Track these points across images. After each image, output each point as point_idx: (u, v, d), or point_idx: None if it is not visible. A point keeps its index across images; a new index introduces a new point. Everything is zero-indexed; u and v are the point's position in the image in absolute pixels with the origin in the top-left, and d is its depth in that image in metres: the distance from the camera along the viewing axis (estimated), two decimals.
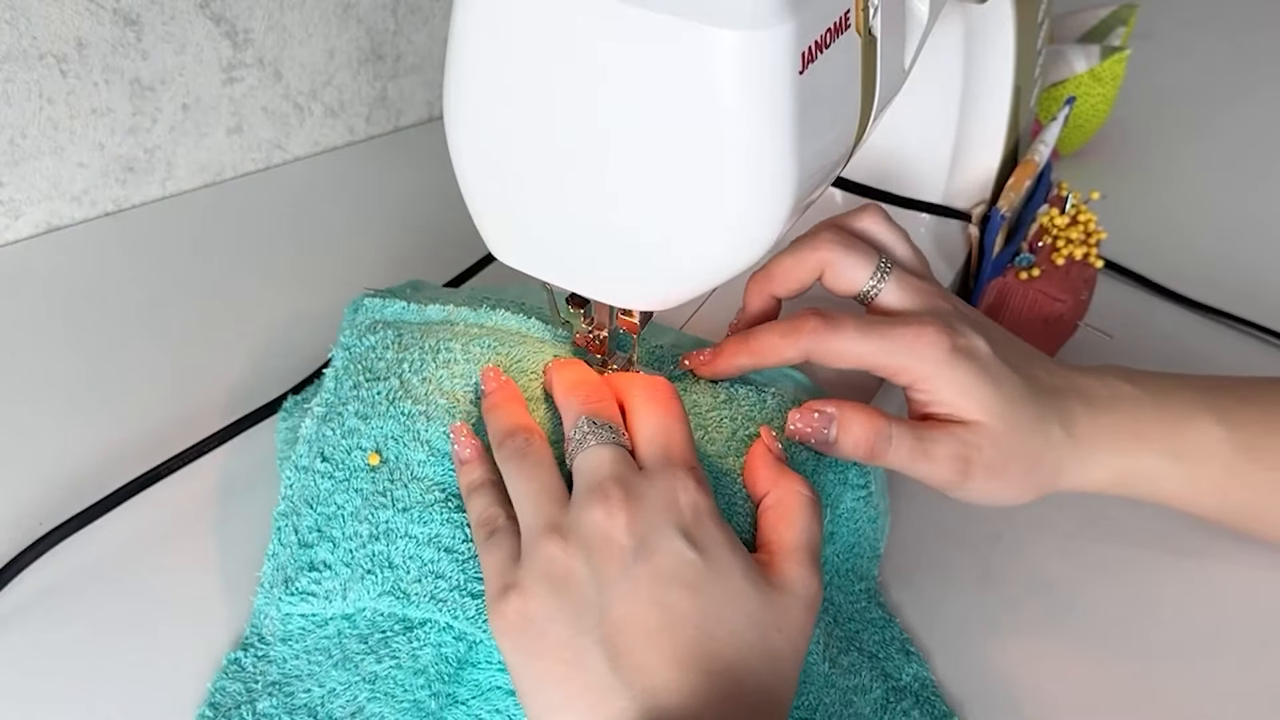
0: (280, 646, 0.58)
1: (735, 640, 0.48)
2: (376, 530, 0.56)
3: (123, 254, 0.89)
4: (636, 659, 0.47)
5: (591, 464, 0.52)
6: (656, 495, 0.51)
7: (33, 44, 0.81)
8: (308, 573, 0.57)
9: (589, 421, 0.54)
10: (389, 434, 0.58)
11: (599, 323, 0.60)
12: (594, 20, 0.43)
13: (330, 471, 0.58)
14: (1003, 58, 0.74)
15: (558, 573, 0.49)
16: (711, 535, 0.50)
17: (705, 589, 0.49)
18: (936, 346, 0.56)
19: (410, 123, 1.09)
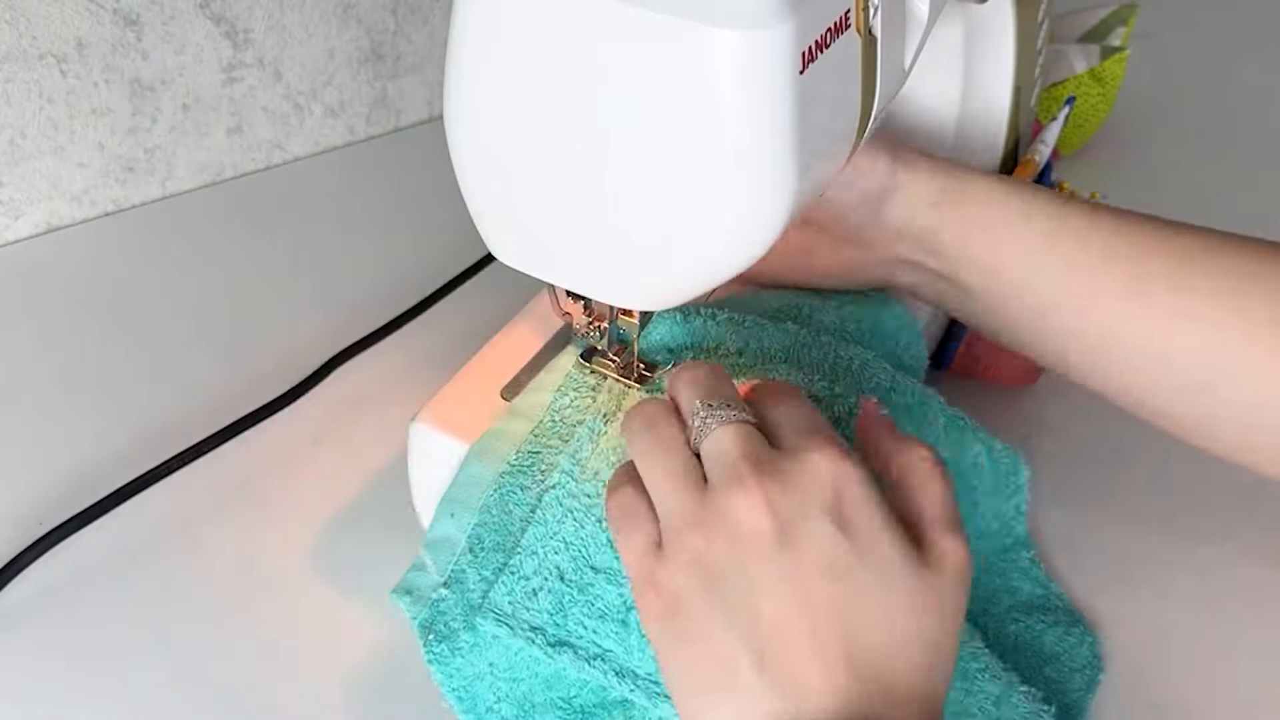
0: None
1: (889, 632, 0.45)
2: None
3: (123, 254, 0.89)
4: (784, 658, 0.45)
5: (719, 446, 0.48)
6: (797, 471, 0.47)
7: (33, 44, 0.81)
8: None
9: (703, 404, 0.50)
10: None
11: (598, 314, 0.60)
12: (594, 20, 0.43)
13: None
14: (1003, 58, 0.74)
15: (701, 565, 0.46)
16: (862, 514, 0.46)
17: (856, 579, 0.45)
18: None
19: (410, 123, 1.09)
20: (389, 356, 0.79)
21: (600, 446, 0.57)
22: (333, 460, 0.71)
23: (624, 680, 0.52)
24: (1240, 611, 0.66)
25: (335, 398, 0.76)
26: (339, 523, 0.67)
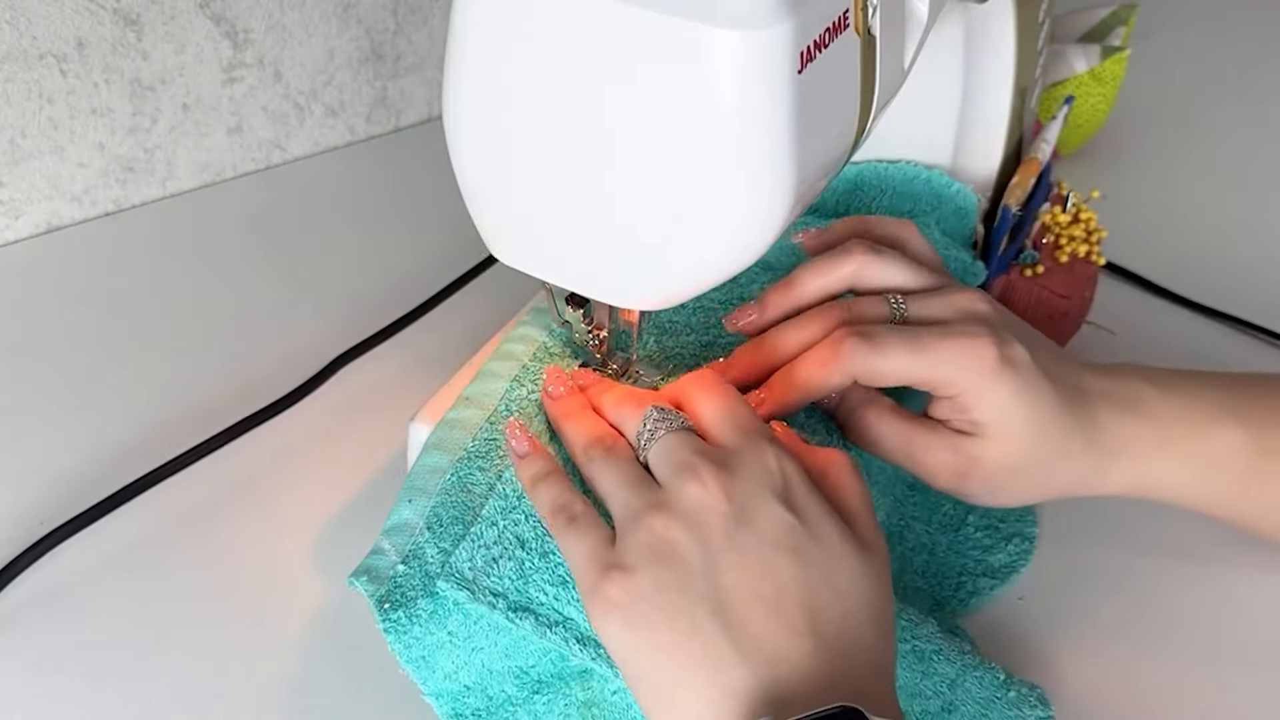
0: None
1: (842, 604, 0.48)
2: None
3: (123, 254, 0.89)
4: (753, 628, 0.46)
5: (669, 449, 0.51)
6: (746, 464, 0.50)
7: (33, 44, 0.81)
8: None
9: (655, 410, 0.53)
10: None
11: (598, 322, 0.60)
12: (593, 20, 0.43)
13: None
14: (1003, 57, 0.74)
15: (662, 545, 0.48)
16: (806, 500, 0.50)
17: (809, 553, 0.48)
18: (983, 359, 0.55)
19: (410, 123, 1.09)
20: (390, 358, 0.79)
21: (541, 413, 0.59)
22: (333, 461, 0.71)
23: (585, 647, 0.52)
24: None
25: (336, 399, 0.76)
26: (340, 523, 0.67)
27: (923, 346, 0.56)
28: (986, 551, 0.66)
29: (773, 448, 0.51)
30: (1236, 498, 0.61)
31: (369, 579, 0.54)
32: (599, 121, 0.46)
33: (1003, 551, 0.66)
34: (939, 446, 0.57)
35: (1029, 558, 0.66)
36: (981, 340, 0.56)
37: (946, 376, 0.56)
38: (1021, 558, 0.66)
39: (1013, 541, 0.67)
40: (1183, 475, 0.60)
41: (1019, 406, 0.56)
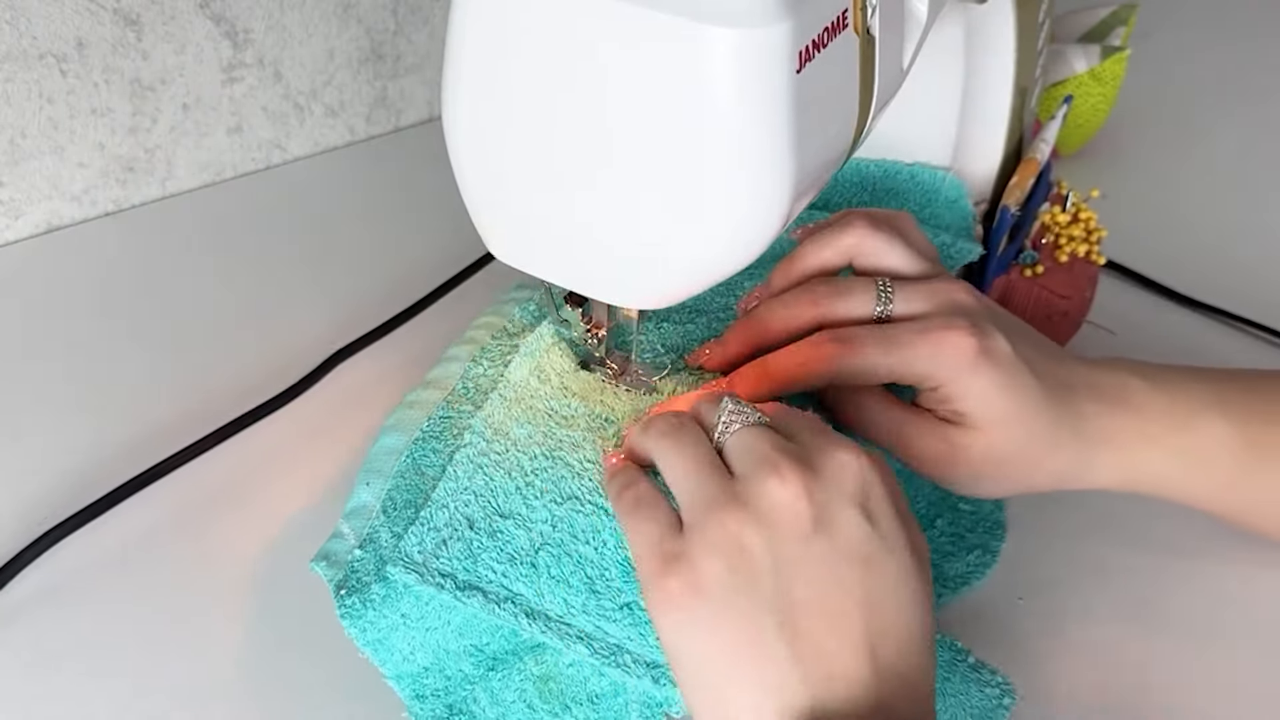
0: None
1: (902, 620, 0.47)
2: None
3: (123, 254, 0.89)
4: (816, 641, 0.45)
5: (748, 442, 0.50)
6: (828, 464, 0.48)
7: (33, 44, 0.81)
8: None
9: (733, 401, 0.52)
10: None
11: (597, 321, 0.60)
12: (591, 18, 0.43)
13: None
14: (1003, 57, 0.74)
15: (733, 544, 0.46)
16: (884, 508, 0.49)
17: (881, 566, 0.47)
18: (961, 350, 0.55)
19: (410, 123, 1.09)
20: (388, 355, 0.80)
21: (512, 410, 0.59)
22: (331, 458, 0.71)
23: (534, 621, 0.52)
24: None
25: (334, 396, 0.76)
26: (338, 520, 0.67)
27: (899, 345, 0.56)
28: (945, 558, 0.66)
29: (854, 449, 0.50)
30: (1224, 491, 0.61)
31: (328, 563, 0.55)
32: (597, 120, 0.45)
33: (961, 561, 0.66)
34: (927, 433, 0.57)
35: (986, 571, 0.66)
36: (958, 333, 0.56)
37: (924, 370, 0.56)
38: (978, 570, 0.66)
39: (974, 553, 0.66)
40: (1170, 468, 0.60)
41: (1002, 397, 0.56)
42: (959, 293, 0.59)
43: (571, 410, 0.59)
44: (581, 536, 0.54)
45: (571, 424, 0.58)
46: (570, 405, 0.59)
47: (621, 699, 0.54)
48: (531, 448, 0.57)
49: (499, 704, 0.55)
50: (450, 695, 0.55)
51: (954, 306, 0.58)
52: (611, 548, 0.53)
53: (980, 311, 0.58)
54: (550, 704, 0.55)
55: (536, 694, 0.55)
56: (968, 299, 0.58)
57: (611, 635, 0.52)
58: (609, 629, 0.52)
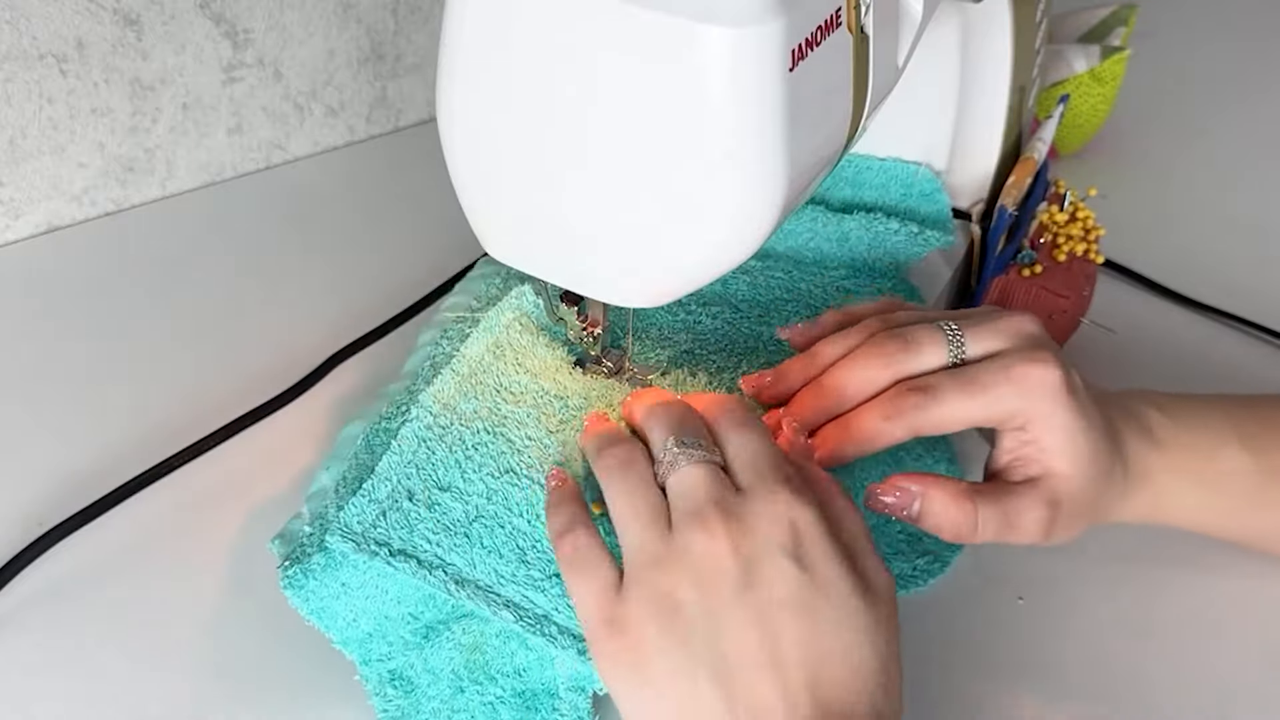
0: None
1: (848, 662, 0.47)
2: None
3: (123, 254, 0.89)
4: (753, 696, 0.46)
5: (686, 486, 0.51)
6: (757, 515, 0.49)
7: (33, 44, 0.81)
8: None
9: (677, 441, 0.52)
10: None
11: (592, 319, 0.60)
12: (585, 17, 0.43)
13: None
14: (1000, 56, 0.74)
15: (665, 601, 0.48)
16: (817, 551, 0.48)
17: (816, 610, 0.47)
18: (1048, 385, 0.55)
19: (410, 123, 1.09)
20: (387, 356, 0.79)
21: (463, 385, 0.60)
22: None
23: (462, 589, 0.53)
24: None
25: (333, 396, 0.76)
26: None
27: (984, 387, 0.55)
28: (895, 555, 0.66)
29: (787, 493, 0.50)
30: (1245, 520, 0.61)
31: (282, 542, 0.57)
32: (591, 118, 0.46)
33: (909, 562, 0.66)
34: (1030, 504, 0.56)
35: (929, 580, 0.65)
36: (1044, 366, 0.55)
37: (1013, 408, 0.55)
38: (923, 575, 0.65)
39: (925, 557, 0.66)
40: (1194, 500, 0.60)
41: (1082, 433, 0.55)
42: (1027, 324, 0.58)
43: (521, 386, 0.60)
44: (516, 509, 0.55)
45: (519, 399, 0.60)
46: (520, 382, 0.60)
47: (549, 673, 0.55)
48: (475, 422, 0.58)
49: (431, 672, 0.56)
50: (392, 661, 0.57)
51: (1028, 339, 0.57)
52: (544, 521, 0.55)
53: (1051, 341, 0.58)
54: (476, 674, 0.56)
55: (464, 663, 0.56)
56: (1035, 329, 0.58)
57: (539, 605, 0.53)
58: (536, 599, 0.53)
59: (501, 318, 0.63)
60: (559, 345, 0.63)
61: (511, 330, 0.63)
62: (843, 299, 0.71)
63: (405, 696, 0.56)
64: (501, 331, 0.63)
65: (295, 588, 0.56)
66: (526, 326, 0.63)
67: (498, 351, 0.62)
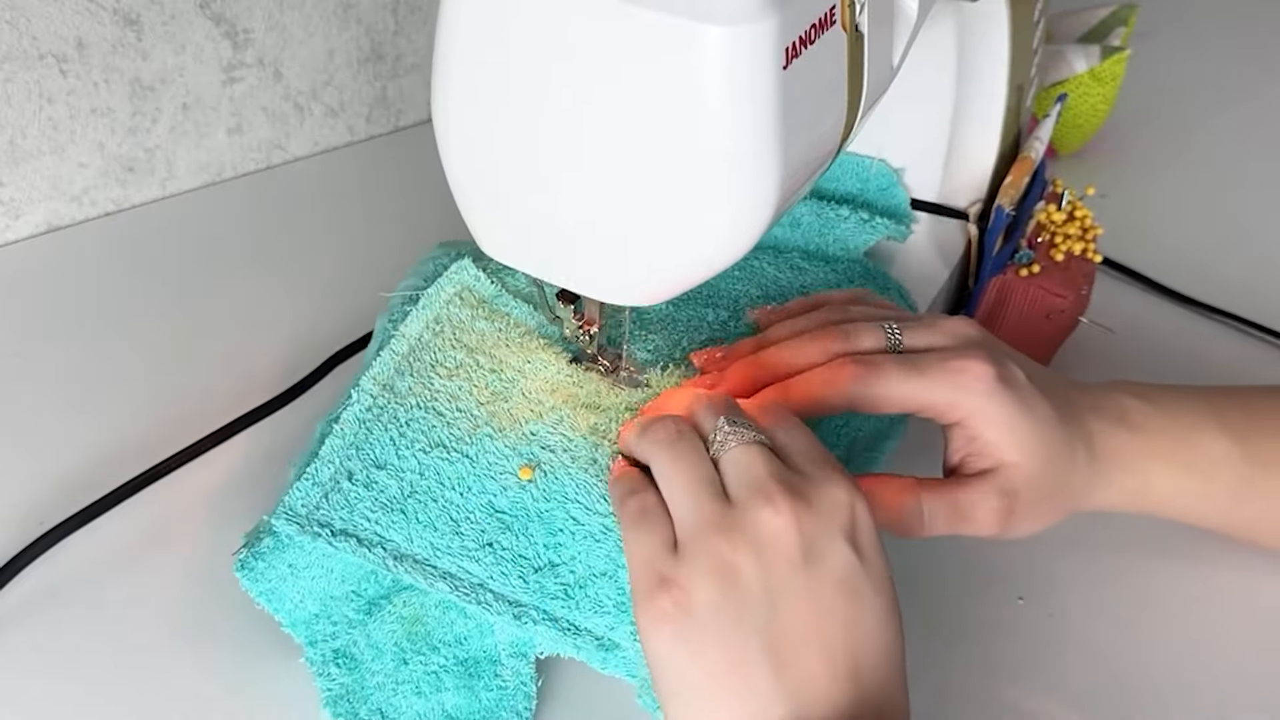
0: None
1: (885, 649, 0.48)
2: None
3: (123, 254, 0.89)
4: (801, 669, 0.47)
5: (744, 462, 0.51)
6: (820, 495, 0.50)
7: (33, 44, 0.81)
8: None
9: (729, 420, 0.53)
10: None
11: (589, 318, 0.60)
12: (579, 16, 0.43)
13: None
14: (997, 56, 0.74)
15: (725, 570, 0.48)
16: (870, 540, 0.50)
17: (865, 596, 0.48)
18: (982, 379, 0.56)
19: (410, 123, 1.09)
20: None
21: (401, 364, 0.62)
22: None
23: (400, 564, 0.55)
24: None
25: (333, 396, 0.76)
26: None
27: (922, 372, 0.56)
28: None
29: (844, 482, 0.51)
30: (1229, 508, 0.61)
31: (247, 536, 0.59)
32: (586, 116, 0.46)
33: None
34: (982, 496, 0.57)
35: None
36: (978, 361, 0.56)
37: (947, 399, 0.56)
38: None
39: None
40: (1175, 486, 0.60)
41: (1024, 422, 0.56)
42: (964, 326, 0.59)
43: (456, 362, 0.62)
44: (448, 483, 0.57)
45: (452, 374, 0.61)
46: (455, 357, 0.62)
47: (490, 640, 0.57)
48: (409, 399, 0.60)
49: (374, 646, 0.58)
50: (336, 640, 0.58)
51: (963, 339, 0.59)
52: (475, 493, 0.57)
53: (988, 341, 0.59)
54: (418, 645, 0.57)
55: (405, 635, 0.58)
56: (973, 331, 0.59)
57: (474, 574, 0.55)
58: (471, 568, 0.55)
59: (441, 294, 0.65)
60: (500, 317, 0.64)
61: (451, 305, 0.64)
62: (799, 280, 0.72)
63: (349, 674, 0.57)
64: (441, 307, 0.64)
65: (246, 570, 0.57)
66: (467, 301, 0.65)
67: (436, 328, 0.63)
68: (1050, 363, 0.80)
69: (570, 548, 0.56)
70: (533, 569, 0.56)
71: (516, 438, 0.58)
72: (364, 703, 0.56)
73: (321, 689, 0.57)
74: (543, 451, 0.58)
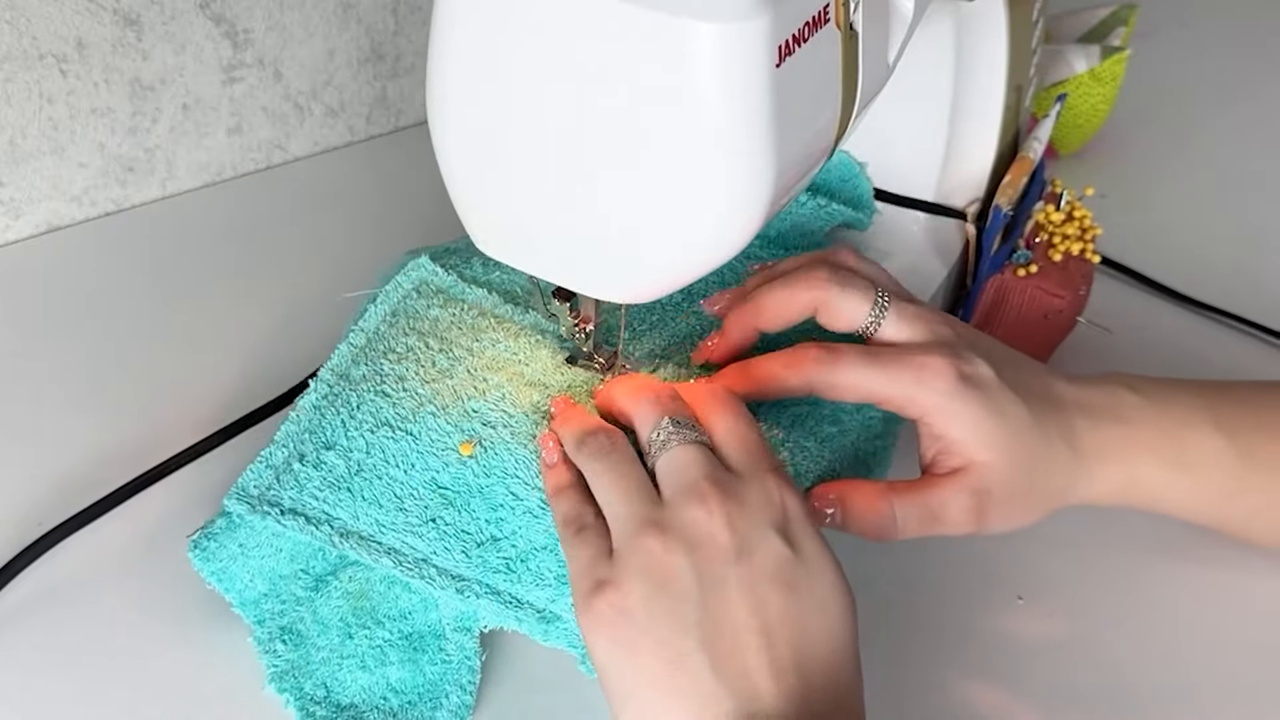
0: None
1: (829, 640, 0.49)
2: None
3: (123, 254, 0.89)
4: (739, 662, 0.47)
5: (680, 463, 0.52)
6: (751, 494, 0.51)
7: (33, 44, 0.81)
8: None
9: (672, 421, 0.54)
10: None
11: (584, 315, 0.60)
12: (573, 14, 0.43)
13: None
14: (995, 56, 0.74)
15: (658, 568, 0.49)
16: (805, 533, 0.51)
17: (802, 588, 0.49)
18: (942, 376, 0.56)
19: (410, 123, 1.09)
20: None
21: (357, 354, 0.64)
22: None
23: (346, 540, 0.57)
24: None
25: None
26: None
27: (880, 363, 0.57)
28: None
29: (776, 478, 0.52)
30: (1220, 503, 0.61)
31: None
32: (579, 115, 0.46)
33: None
34: (952, 495, 0.57)
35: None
36: (939, 359, 0.56)
37: (906, 393, 0.57)
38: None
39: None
40: (1165, 480, 0.60)
41: (990, 420, 0.56)
42: (941, 325, 0.59)
43: (406, 346, 0.62)
44: (392, 460, 0.58)
45: (402, 358, 0.62)
46: (406, 342, 0.63)
47: (434, 615, 0.58)
48: (362, 385, 0.61)
49: (320, 622, 0.59)
50: (284, 618, 0.59)
51: (937, 338, 0.59)
52: (418, 469, 0.58)
53: (960, 341, 0.59)
54: (363, 619, 0.58)
55: (351, 610, 0.59)
56: (949, 331, 0.59)
57: (417, 549, 0.57)
58: (415, 543, 0.56)
59: (399, 289, 0.66)
60: (455, 304, 0.65)
61: (409, 299, 0.66)
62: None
63: (294, 650, 0.58)
64: (399, 301, 0.66)
65: (199, 551, 0.59)
66: (424, 293, 0.66)
67: (392, 320, 0.65)
68: (1047, 363, 0.80)
69: (511, 522, 0.57)
70: (475, 543, 0.57)
71: (458, 414, 0.59)
72: (309, 677, 0.58)
73: (266, 666, 0.58)
74: (484, 428, 0.59)
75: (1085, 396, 0.60)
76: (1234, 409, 0.61)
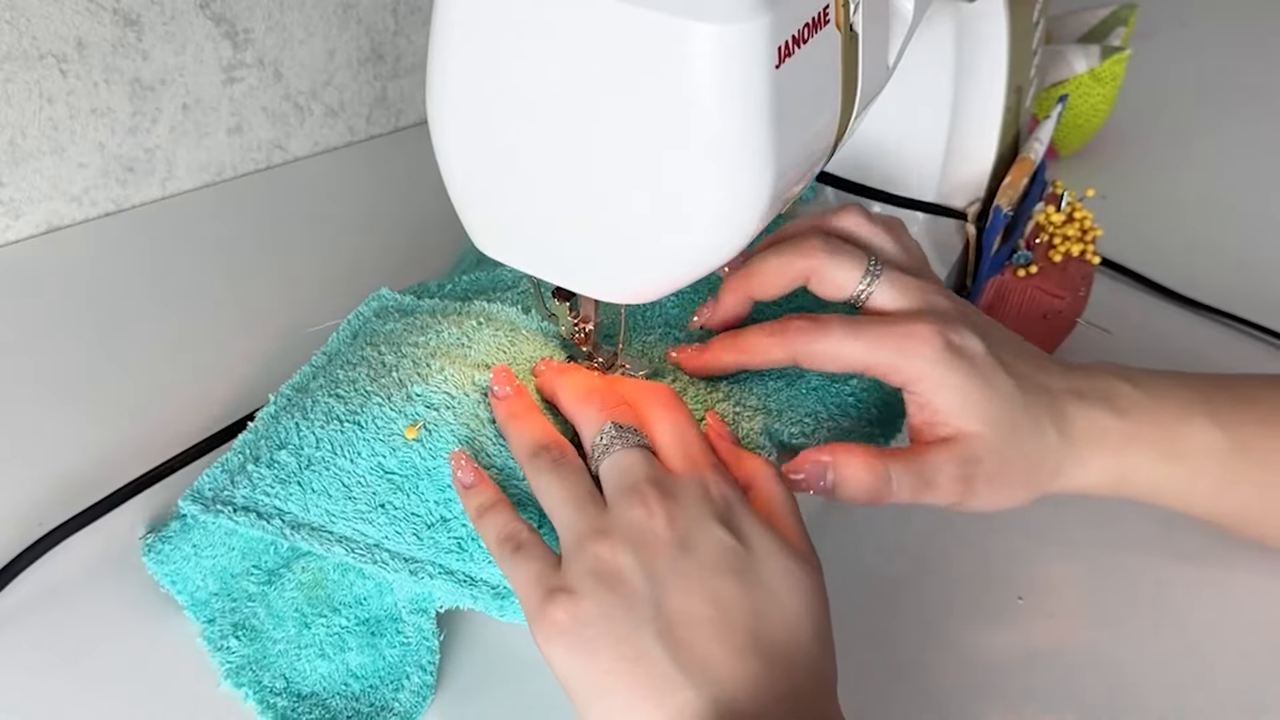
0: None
1: (786, 620, 0.49)
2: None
3: (123, 254, 0.89)
4: (697, 650, 0.48)
5: (621, 467, 0.53)
6: (689, 491, 0.52)
7: (33, 44, 0.81)
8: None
9: (614, 426, 0.55)
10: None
11: (584, 315, 0.60)
12: (573, 14, 0.43)
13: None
14: (996, 57, 0.74)
15: (606, 570, 0.50)
16: (747, 521, 0.52)
17: (751, 574, 0.50)
18: (928, 345, 0.56)
19: (410, 123, 1.09)
20: None
21: (318, 372, 0.66)
22: None
23: (297, 532, 0.57)
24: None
25: None
26: None
27: (864, 332, 0.57)
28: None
29: (714, 474, 0.54)
30: (1214, 496, 0.61)
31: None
32: (579, 114, 0.46)
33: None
34: (944, 461, 0.57)
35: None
36: (925, 327, 0.56)
37: (890, 361, 0.57)
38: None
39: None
40: (1159, 472, 0.60)
41: (977, 391, 0.56)
42: (936, 295, 0.59)
43: (359, 356, 0.63)
44: (340, 451, 0.59)
45: (355, 366, 0.63)
46: (360, 353, 0.64)
47: (389, 598, 0.59)
48: (317, 393, 0.62)
49: (275, 615, 0.60)
50: (235, 614, 0.60)
51: (929, 306, 0.59)
52: (365, 457, 0.59)
53: (952, 313, 0.59)
54: (319, 608, 0.59)
55: (306, 600, 0.60)
56: (944, 302, 0.59)
57: (369, 535, 0.57)
58: (366, 530, 0.57)
59: (360, 316, 0.68)
60: (411, 315, 0.66)
61: (371, 322, 0.67)
62: None
63: (249, 645, 0.59)
64: (361, 325, 0.67)
65: (151, 554, 0.61)
66: (386, 316, 0.67)
67: (352, 340, 0.66)
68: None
69: (459, 502, 0.57)
70: (425, 525, 0.57)
71: (402, 400, 0.60)
72: (267, 670, 0.58)
73: (220, 664, 0.58)
74: (427, 410, 0.59)
75: (1079, 384, 0.60)
76: (1229, 402, 0.61)
